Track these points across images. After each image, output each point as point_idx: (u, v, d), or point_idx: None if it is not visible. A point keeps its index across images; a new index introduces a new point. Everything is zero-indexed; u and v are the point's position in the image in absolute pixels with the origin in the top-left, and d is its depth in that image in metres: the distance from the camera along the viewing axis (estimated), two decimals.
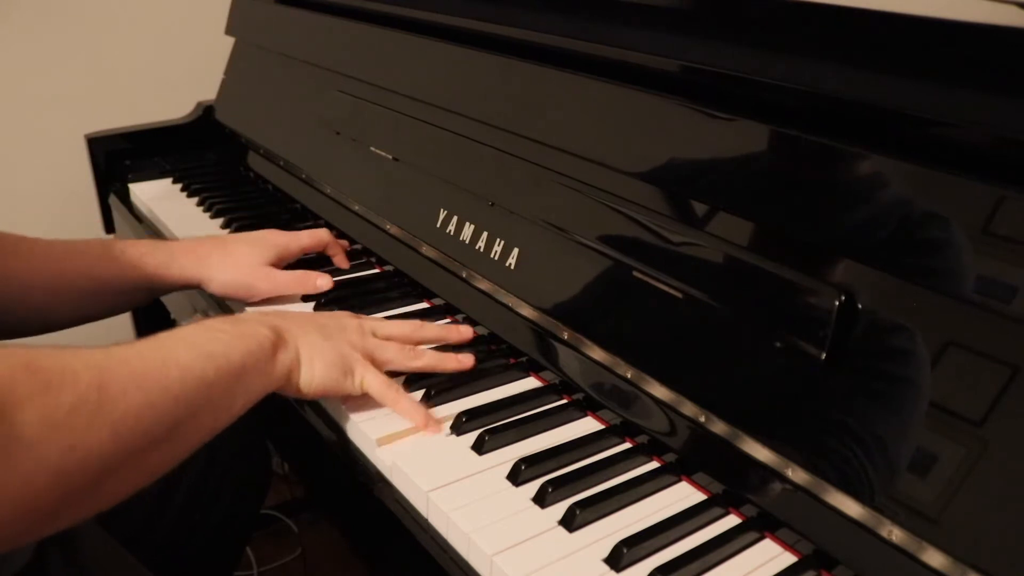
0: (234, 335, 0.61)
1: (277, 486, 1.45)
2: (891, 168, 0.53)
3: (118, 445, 0.49)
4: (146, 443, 0.51)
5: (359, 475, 0.65)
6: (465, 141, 0.86)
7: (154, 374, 0.52)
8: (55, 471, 0.45)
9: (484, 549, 0.55)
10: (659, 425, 0.64)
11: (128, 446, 0.50)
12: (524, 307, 0.75)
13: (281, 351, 0.64)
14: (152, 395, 0.51)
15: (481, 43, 0.88)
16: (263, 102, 1.27)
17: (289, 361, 0.64)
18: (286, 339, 0.65)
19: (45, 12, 1.44)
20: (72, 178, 1.41)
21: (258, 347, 0.62)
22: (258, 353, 0.62)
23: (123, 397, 0.49)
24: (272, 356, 0.63)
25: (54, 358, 0.47)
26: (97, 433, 0.47)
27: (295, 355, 0.65)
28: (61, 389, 0.46)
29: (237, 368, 0.59)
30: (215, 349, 0.58)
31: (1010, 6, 0.49)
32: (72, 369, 0.47)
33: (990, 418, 0.47)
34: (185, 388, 0.54)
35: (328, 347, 0.67)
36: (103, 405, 0.48)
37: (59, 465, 0.45)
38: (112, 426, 0.48)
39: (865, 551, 0.51)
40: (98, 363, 0.49)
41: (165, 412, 0.52)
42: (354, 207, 1.01)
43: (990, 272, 0.48)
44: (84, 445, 0.46)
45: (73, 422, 0.46)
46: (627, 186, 0.69)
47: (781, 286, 0.57)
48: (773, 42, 0.62)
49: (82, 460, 0.46)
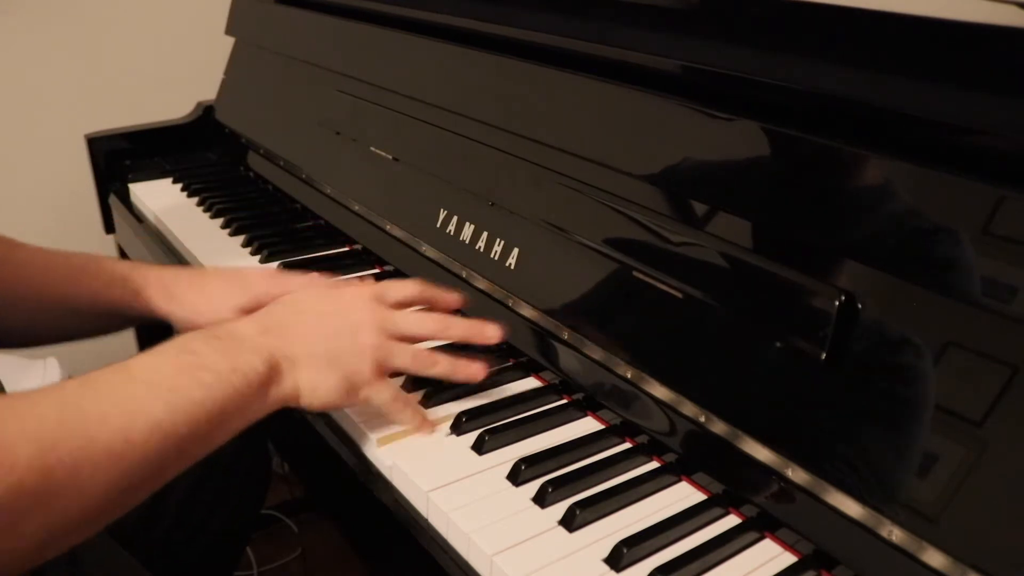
0: (222, 372, 0.56)
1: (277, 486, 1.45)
2: (891, 168, 0.53)
3: (68, 518, 0.46)
4: (104, 505, 0.48)
5: (359, 475, 0.65)
6: (465, 141, 0.86)
7: (114, 446, 0.48)
8: (7, 551, 0.43)
9: (484, 549, 0.55)
10: (659, 425, 0.64)
11: (81, 516, 0.47)
12: (524, 307, 0.75)
13: (273, 386, 0.60)
14: (108, 472, 0.47)
15: (481, 43, 0.88)
16: (263, 102, 1.28)
17: (282, 395, 0.61)
18: (282, 370, 0.60)
19: (45, 12, 1.44)
20: (72, 178, 1.41)
21: (246, 387, 0.57)
22: (245, 392, 0.57)
23: (74, 478, 0.45)
24: (264, 391, 0.59)
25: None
26: (43, 515, 0.44)
27: (292, 386, 0.61)
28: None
29: (218, 414, 0.55)
30: (195, 396, 0.53)
31: (1010, 6, 0.49)
32: (12, 450, 0.43)
33: (990, 418, 0.47)
34: (149, 450, 0.50)
35: (332, 372, 0.62)
36: (48, 490, 0.44)
37: (7, 546, 0.43)
38: (61, 505, 0.45)
39: (865, 551, 0.51)
40: (46, 439, 0.45)
41: (123, 482, 0.49)
42: (354, 207, 1.01)
43: (990, 272, 0.48)
44: (30, 528, 0.44)
45: (15, 506, 0.43)
46: (627, 186, 0.69)
47: (781, 286, 0.57)
48: (773, 42, 0.62)
49: (32, 536, 0.44)
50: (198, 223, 1.10)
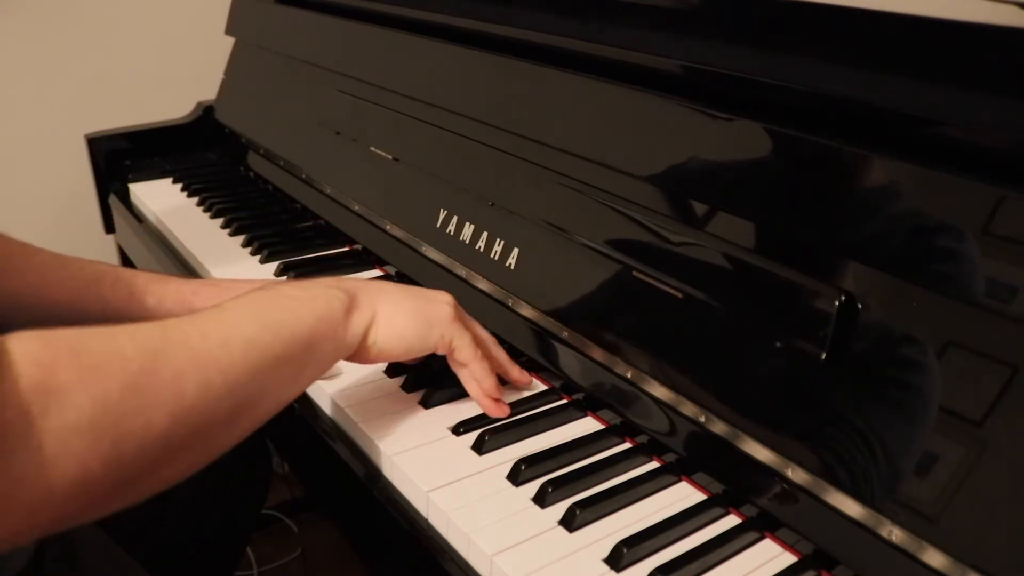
0: (304, 300, 0.58)
1: (277, 486, 1.45)
2: (891, 168, 0.53)
3: (175, 429, 0.47)
4: (205, 426, 0.49)
5: (359, 475, 0.65)
6: (465, 141, 0.86)
7: (215, 354, 0.50)
8: (109, 455, 0.43)
9: (484, 549, 0.55)
10: (659, 425, 0.64)
11: (186, 429, 0.47)
12: (524, 307, 0.75)
13: (355, 312, 0.61)
14: (211, 377, 0.49)
15: (481, 43, 0.88)
16: (263, 102, 1.28)
17: (365, 323, 0.62)
18: (359, 299, 0.62)
19: (45, 12, 1.44)
20: (72, 178, 1.41)
21: (329, 312, 0.59)
22: (329, 318, 0.59)
23: (178, 381, 0.47)
24: (345, 320, 0.60)
25: (103, 340, 0.45)
26: (152, 418, 0.45)
27: (370, 315, 0.62)
28: (110, 374, 0.44)
29: (306, 337, 0.57)
30: (283, 318, 0.56)
31: (1010, 6, 0.49)
32: (122, 353, 0.45)
33: (990, 418, 0.47)
34: (248, 366, 0.52)
35: (409, 303, 0.64)
36: (157, 390, 0.46)
37: (113, 449, 0.43)
38: (168, 411, 0.46)
39: (865, 551, 0.51)
40: (152, 343, 0.47)
41: (226, 393, 0.50)
42: (354, 207, 1.01)
43: (990, 272, 0.48)
44: (138, 430, 0.44)
45: (125, 407, 0.44)
46: (627, 186, 0.69)
47: (781, 286, 0.57)
48: (773, 42, 0.62)
49: (137, 445, 0.45)
50: (198, 223, 1.10)
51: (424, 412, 0.69)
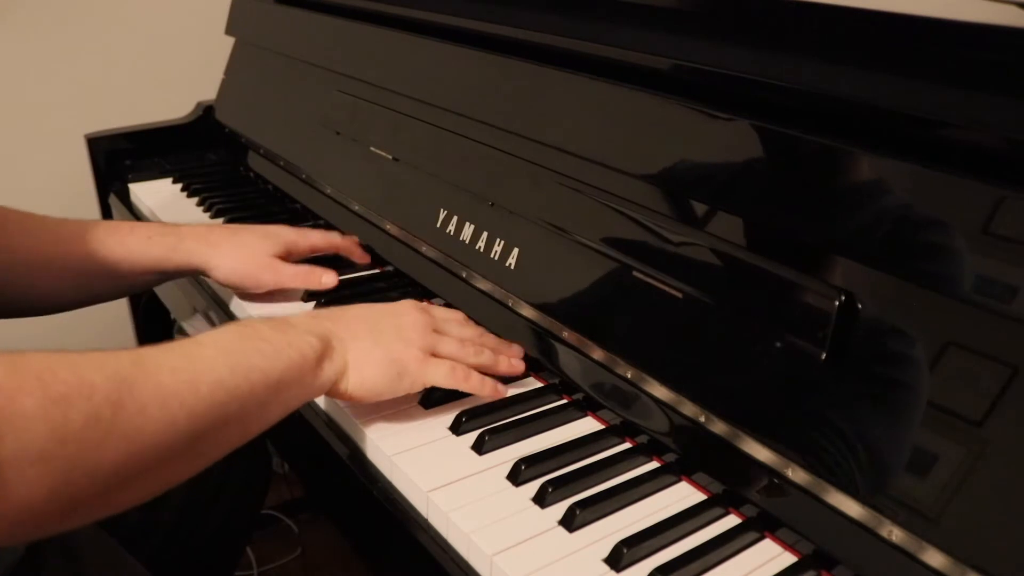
0: (279, 346, 0.59)
1: (277, 486, 1.45)
2: (891, 168, 0.53)
3: (130, 462, 0.47)
4: (161, 460, 0.50)
5: (359, 475, 0.65)
6: (465, 141, 0.86)
7: (181, 392, 0.50)
8: (62, 483, 0.44)
9: (484, 549, 0.55)
10: (659, 425, 0.64)
11: (142, 462, 0.48)
12: (524, 307, 0.75)
13: (326, 361, 0.62)
14: (174, 414, 0.49)
15: (481, 43, 0.88)
16: (263, 102, 1.27)
17: (335, 371, 0.63)
18: (333, 347, 0.63)
19: (45, 12, 1.44)
20: (72, 178, 1.41)
21: (301, 359, 0.60)
22: (301, 365, 0.59)
23: (141, 415, 0.47)
24: (316, 367, 0.61)
25: (72, 368, 0.45)
26: (109, 449, 0.46)
27: (342, 364, 0.63)
28: (73, 403, 0.44)
29: (275, 382, 0.57)
30: (255, 363, 0.56)
31: (1010, 6, 0.49)
32: (89, 382, 0.45)
33: (990, 418, 0.47)
34: (213, 405, 0.52)
35: (380, 351, 0.65)
36: (117, 422, 0.46)
37: (66, 478, 0.44)
38: (126, 443, 0.47)
39: (865, 551, 0.51)
40: (121, 375, 0.47)
41: (187, 429, 0.50)
42: (354, 207, 1.01)
43: (991, 272, 0.48)
44: (93, 460, 0.45)
45: (84, 436, 0.44)
46: (627, 186, 0.69)
47: (781, 286, 0.57)
48: (773, 42, 0.62)
49: (90, 474, 0.45)
50: (198, 223, 1.10)
51: (424, 412, 0.69)
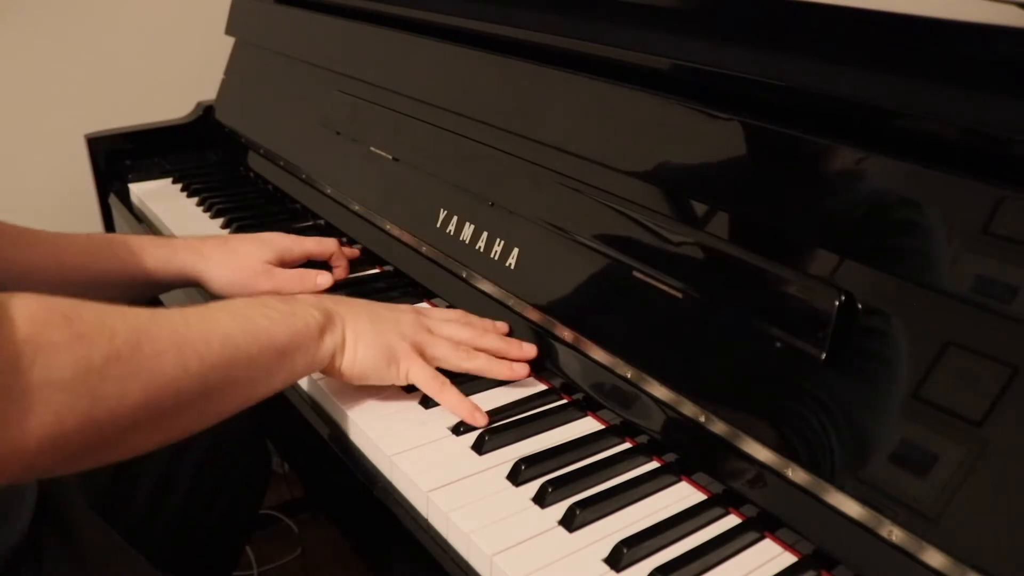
0: (284, 313, 0.62)
1: (277, 486, 1.45)
2: (891, 168, 0.53)
3: (148, 403, 0.50)
4: (176, 405, 0.52)
5: (359, 475, 0.65)
6: (465, 141, 0.86)
7: (194, 341, 0.53)
8: (84, 417, 0.46)
9: (484, 549, 0.55)
10: (659, 425, 0.63)
11: (158, 406, 0.51)
12: (524, 307, 0.75)
13: (328, 333, 0.65)
14: (188, 361, 0.52)
15: (481, 43, 0.88)
16: (263, 102, 1.27)
17: (335, 344, 0.65)
18: (335, 321, 0.66)
19: (45, 12, 1.44)
20: (72, 178, 1.41)
21: (305, 327, 0.63)
22: (305, 333, 0.63)
23: (157, 359, 0.50)
24: (318, 338, 0.64)
25: (95, 311, 0.49)
26: (128, 388, 0.49)
27: (341, 338, 0.66)
28: (95, 341, 0.47)
29: (281, 345, 0.60)
30: (262, 324, 0.60)
31: (1010, 6, 0.49)
32: (110, 324, 0.49)
33: (990, 418, 0.47)
34: (224, 358, 0.55)
35: (375, 334, 0.67)
36: (137, 363, 0.49)
37: (88, 412, 0.46)
38: (144, 385, 0.49)
39: (865, 551, 0.51)
40: (139, 323, 0.51)
41: (200, 378, 0.53)
42: (354, 207, 1.01)
43: (991, 272, 0.48)
44: (114, 397, 0.48)
45: (106, 374, 0.47)
46: (627, 186, 0.69)
47: (781, 286, 0.57)
48: (773, 42, 0.62)
49: (111, 411, 0.48)
50: (198, 223, 1.10)
51: (424, 412, 0.69)
